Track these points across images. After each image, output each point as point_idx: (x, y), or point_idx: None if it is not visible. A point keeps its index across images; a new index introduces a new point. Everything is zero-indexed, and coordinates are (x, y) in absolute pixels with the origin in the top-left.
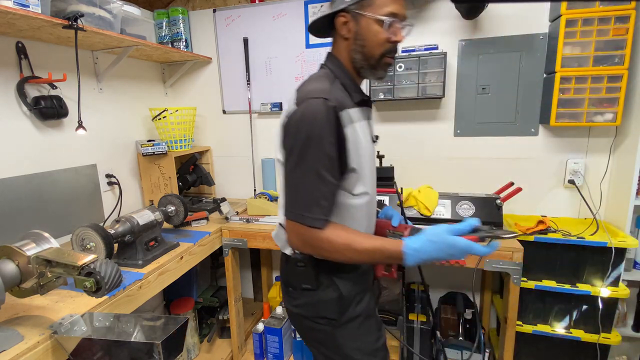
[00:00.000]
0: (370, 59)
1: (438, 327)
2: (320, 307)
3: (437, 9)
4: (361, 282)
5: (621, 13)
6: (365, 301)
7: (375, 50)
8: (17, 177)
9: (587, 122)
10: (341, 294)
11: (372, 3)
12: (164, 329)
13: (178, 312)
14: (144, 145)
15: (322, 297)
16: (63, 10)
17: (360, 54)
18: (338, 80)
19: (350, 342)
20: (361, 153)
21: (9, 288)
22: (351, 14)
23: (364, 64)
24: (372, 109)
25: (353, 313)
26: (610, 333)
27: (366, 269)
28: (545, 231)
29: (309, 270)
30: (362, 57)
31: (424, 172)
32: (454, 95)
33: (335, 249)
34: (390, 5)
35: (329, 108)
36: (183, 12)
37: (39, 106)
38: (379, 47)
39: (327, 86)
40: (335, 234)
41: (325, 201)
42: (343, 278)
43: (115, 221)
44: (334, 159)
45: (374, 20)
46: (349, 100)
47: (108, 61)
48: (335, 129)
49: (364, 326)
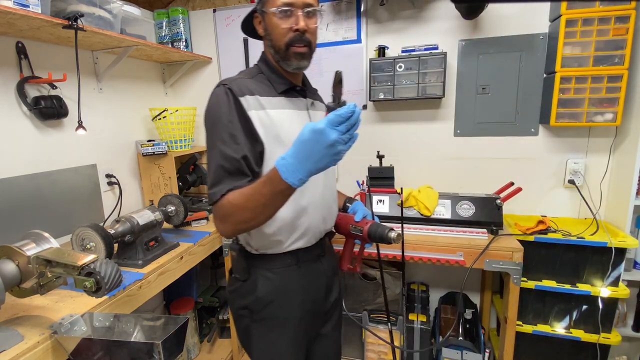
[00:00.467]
0: (279, 50)
1: (438, 327)
2: (242, 297)
3: (437, 9)
4: (286, 287)
5: (621, 13)
6: (288, 309)
7: (280, 42)
8: (17, 177)
9: (587, 122)
10: (258, 291)
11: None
12: (164, 329)
13: (178, 312)
14: (144, 145)
15: (245, 289)
16: (63, 10)
17: (272, 48)
18: (262, 74)
19: (257, 341)
20: (281, 139)
21: (9, 288)
22: (260, 13)
23: (277, 56)
24: (314, 100)
25: (268, 314)
26: (610, 333)
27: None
28: (545, 231)
29: (238, 260)
30: (274, 50)
31: (424, 172)
32: (454, 95)
33: (233, 208)
34: None
35: (227, 91)
36: (183, 12)
37: (39, 106)
38: (282, 37)
39: (235, 77)
40: (230, 196)
41: (229, 175)
42: (266, 277)
43: (115, 221)
44: (237, 135)
45: (273, 14)
46: (269, 90)
47: (108, 61)
48: (235, 110)
49: (275, 333)
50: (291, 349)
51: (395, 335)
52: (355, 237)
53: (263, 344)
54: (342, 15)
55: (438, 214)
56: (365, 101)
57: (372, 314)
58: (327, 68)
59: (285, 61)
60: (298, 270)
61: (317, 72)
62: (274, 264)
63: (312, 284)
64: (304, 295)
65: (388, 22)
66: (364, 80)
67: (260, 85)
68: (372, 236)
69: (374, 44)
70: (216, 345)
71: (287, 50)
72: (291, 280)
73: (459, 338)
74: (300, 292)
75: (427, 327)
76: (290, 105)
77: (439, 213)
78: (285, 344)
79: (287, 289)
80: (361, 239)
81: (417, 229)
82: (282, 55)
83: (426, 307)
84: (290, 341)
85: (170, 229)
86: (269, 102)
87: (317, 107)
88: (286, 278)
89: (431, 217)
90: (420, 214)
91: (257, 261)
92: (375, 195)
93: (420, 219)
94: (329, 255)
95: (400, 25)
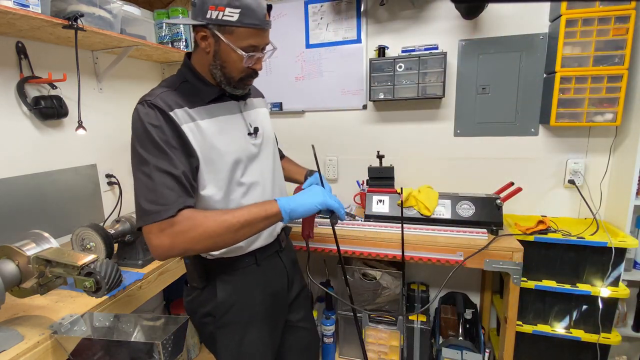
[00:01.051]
0: (230, 79)
1: (438, 327)
2: (201, 306)
3: (437, 9)
4: (246, 287)
5: (621, 13)
6: (250, 306)
7: (234, 74)
8: (17, 177)
9: (587, 122)
10: (218, 296)
11: (233, 32)
12: (164, 329)
13: (178, 312)
14: None
15: (204, 297)
16: (63, 10)
17: (220, 72)
18: (187, 82)
19: (225, 347)
20: (216, 148)
21: (9, 288)
22: (211, 32)
23: (223, 80)
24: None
25: (231, 318)
26: (610, 333)
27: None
28: (545, 231)
29: (194, 268)
30: (221, 74)
31: (424, 172)
32: (454, 95)
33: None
34: (251, 38)
35: (152, 107)
36: (183, 12)
37: (39, 106)
38: (239, 73)
39: (156, 90)
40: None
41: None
42: (224, 281)
43: (115, 221)
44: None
45: (232, 49)
46: (196, 99)
47: (108, 61)
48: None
49: (240, 335)
50: (260, 348)
51: (395, 335)
52: None
53: (231, 348)
54: (342, 15)
55: (438, 214)
56: (365, 101)
57: (372, 314)
58: (327, 68)
59: (231, 87)
60: (257, 269)
61: (317, 73)
62: (233, 266)
63: (272, 280)
64: (264, 292)
65: (388, 22)
66: (364, 80)
67: (186, 95)
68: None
69: (374, 44)
70: None
71: (239, 82)
72: (251, 279)
73: (459, 338)
74: (260, 291)
75: (427, 327)
76: (222, 111)
77: (439, 213)
78: (252, 345)
79: (246, 289)
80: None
81: (417, 229)
82: (233, 84)
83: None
84: (257, 340)
85: None
86: (198, 112)
87: (250, 105)
88: (245, 278)
89: (431, 217)
90: (420, 214)
91: (215, 266)
92: (375, 195)
93: (420, 219)
94: (287, 250)
95: (400, 25)
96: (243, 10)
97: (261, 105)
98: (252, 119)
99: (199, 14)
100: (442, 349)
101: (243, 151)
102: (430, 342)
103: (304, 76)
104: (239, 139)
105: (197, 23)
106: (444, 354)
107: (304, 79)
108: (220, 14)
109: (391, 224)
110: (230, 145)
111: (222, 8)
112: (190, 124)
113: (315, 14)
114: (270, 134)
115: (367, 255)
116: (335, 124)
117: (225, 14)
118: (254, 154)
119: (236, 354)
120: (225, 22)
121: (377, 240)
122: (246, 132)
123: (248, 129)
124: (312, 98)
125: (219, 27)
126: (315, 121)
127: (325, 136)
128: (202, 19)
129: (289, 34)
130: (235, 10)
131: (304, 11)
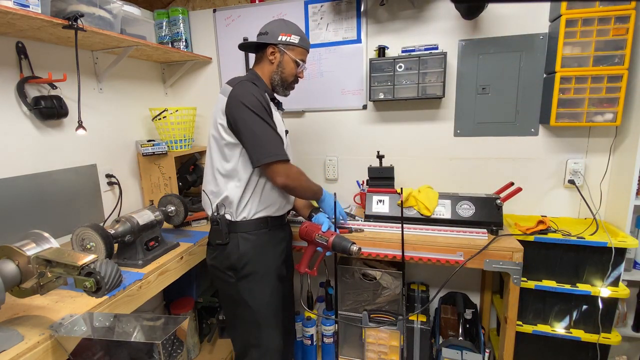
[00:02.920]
0: (284, 82)
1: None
2: (225, 259)
3: (437, 9)
4: (261, 244)
5: (621, 13)
6: (264, 262)
7: (289, 78)
8: (17, 177)
9: (587, 122)
10: (241, 249)
11: (294, 49)
12: (164, 329)
13: (178, 312)
14: (144, 145)
15: (228, 251)
16: (63, 10)
17: (279, 76)
18: (257, 86)
19: (248, 293)
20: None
21: (9, 288)
22: (279, 49)
23: (280, 82)
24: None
25: (251, 269)
26: (610, 333)
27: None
28: (545, 231)
29: (220, 228)
30: (279, 79)
31: (424, 172)
32: (454, 95)
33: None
34: (302, 55)
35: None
36: (183, 12)
37: (39, 106)
38: (292, 77)
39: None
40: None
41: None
42: (244, 238)
43: (115, 221)
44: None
45: (293, 60)
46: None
47: (108, 61)
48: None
49: (261, 282)
50: (276, 294)
51: (395, 335)
52: (319, 245)
53: (252, 295)
54: (342, 15)
55: (438, 214)
56: (365, 101)
57: (372, 314)
58: (326, 68)
59: (284, 89)
60: (268, 233)
61: (317, 73)
62: (250, 227)
63: (278, 245)
64: (274, 252)
65: (388, 22)
66: (364, 80)
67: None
68: (336, 247)
69: (374, 44)
70: (216, 345)
71: (290, 84)
72: (264, 240)
73: (459, 338)
74: (271, 250)
75: (427, 327)
76: (275, 108)
77: (439, 213)
78: (269, 292)
79: (262, 247)
80: (324, 247)
81: (417, 229)
82: (285, 86)
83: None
84: (271, 289)
85: (170, 229)
86: (273, 107)
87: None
88: (260, 239)
89: (431, 217)
90: (420, 214)
91: (236, 227)
92: (375, 195)
93: (420, 219)
94: (287, 227)
95: (400, 25)
96: (301, 38)
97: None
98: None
99: (270, 38)
100: (442, 349)
101: (284, 139)
102: (430, 342)
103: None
104: (282, 130)
105: (272, 42)
106: (444, 354)
107: (304, 79)
108: (287, 38)
109: (391, 224)
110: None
111: (289, 35)
112: (275, 113)
113: (315, 14)
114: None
115: (367, 255)
116: (335, 124)
117: (291, 38)
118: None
119: (257, 299)
120: (291, 43)
121: (377, 240)
122: (284, 130)
123: (285, 127)
124: (312, 98)
125: (286, 46)
126: (315, 121)
127: (325, 136)
128: (275, 40)
129: None
130: (297, 36)
131: (304, 11)
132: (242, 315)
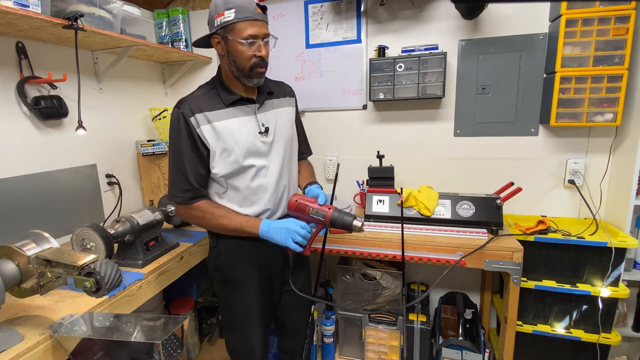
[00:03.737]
0: (242, 70)
1: (438, 327)
2: (213, 259)
3: (437, 9)
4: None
5: (621, 13)
6: (243, 271)
7: (244, 64)
8: (17, 177)
9: (587, 122)
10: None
11: (234, 28)
12: (164, 329)
13: (178, 312)
14: (144, 145)
15: (214, 252)
16: (63, 10)
17: (234, 66)
18: (215, 89)
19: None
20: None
21: (9, 288)
22: (220, 36)
23: (239, 74)
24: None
25: (229, 275)
26: (610, 333)
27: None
28: (545, 231)
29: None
30: (236, 69)
31: (424, 172)
32: (454, 95)
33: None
34: (248, 29)
35: (179, 115)
36: (183, 12)
37: (39, 106)
38: (247, 62)
39: (192, 94)
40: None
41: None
42: (227, 245)
43: (115, 221)
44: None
45: (238, 42)
46: (218, 103)
47: (108, 61)
48: (185, 130)
49: (238, 292)
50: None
51: (395, 335)
52: (314, 220)
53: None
54: (342, 15)
55: (438, 214)
56: (365, 101)
57: (372, 314)
58: (326, 68)
59: (247, 78)
60: (252, 242)
61: (317, 73)
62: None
63: (269, 256)
64: (259, 263)
65: (388, 22)
66: (364, 80)
67: (211, 99)
68: (336, 223)
69: (374, 44)
70: (216, 345)
71: (251, 71)
72: (246, 250)
73: (459, 338)
74: (255, 260)
75: (427, 327)
76: (238, 113)
77: (439, 213)
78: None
79: (243, 257)
80: (320, 223)
81: (417, 229)
82: (246, 74)
83: (426, 307)
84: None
85: (170, 229)
86: (215, 115)
87: (269, 106)
88: (242, 247)
89: (431, 217)
90: (420, 214)
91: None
92: (375, 195)
93: (420, 219)
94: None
95: (400, 25)
96: (236, 9)
97: (284, 105)
98: (267, 119)
99: (211, 27)
100: (442, 349)
101: (252, 145)
102: (430, 342)
103: (304, 76)
104: (249, 136)
105: (209, 33)
106: (443, 354)
107: (304, 79)
108: (221, 18)
109: (391, 224)
110: (242, 141)
111: (222, 13)
112: (206, 126)
113: (315, 14)
114: (286, 131)
115: (367, 255)
116: (335, 124)
117: (224, 16)
118: (263, 149)
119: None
120: (226, 23)
121: (377, 240)
122: (257, 131)
123: (260, 128)
124: (312, 98)
125: (224, 29)
126: (315, 121)
127: (325, 136)
128: (212, 28)
129: (289, 34)
130: (230, 10)
131: (304, 11)
132: (225, 316)
